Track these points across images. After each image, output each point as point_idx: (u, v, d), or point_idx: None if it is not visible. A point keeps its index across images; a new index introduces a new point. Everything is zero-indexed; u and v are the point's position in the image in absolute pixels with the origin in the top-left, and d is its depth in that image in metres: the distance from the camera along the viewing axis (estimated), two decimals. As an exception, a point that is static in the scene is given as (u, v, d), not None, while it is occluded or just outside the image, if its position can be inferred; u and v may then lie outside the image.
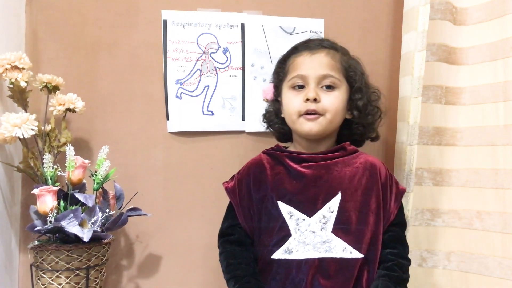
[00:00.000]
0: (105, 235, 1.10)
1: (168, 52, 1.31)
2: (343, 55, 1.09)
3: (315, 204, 1.02)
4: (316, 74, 1.05)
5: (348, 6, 1.40)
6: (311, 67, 1.05)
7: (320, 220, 1.01)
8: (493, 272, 1.15)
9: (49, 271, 1.06)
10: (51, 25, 1.29)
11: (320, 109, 1.04)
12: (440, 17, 1.23)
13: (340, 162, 1.06)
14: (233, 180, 1.12)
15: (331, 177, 1.04)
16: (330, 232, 1.01)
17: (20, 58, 1.11)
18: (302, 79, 1.06)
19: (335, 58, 1.07)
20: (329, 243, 1.00)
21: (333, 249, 1.00)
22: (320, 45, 1.08)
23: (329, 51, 1.07)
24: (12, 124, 1.06)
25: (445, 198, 1.23)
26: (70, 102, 1.18)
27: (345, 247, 1.00)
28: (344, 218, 1.01)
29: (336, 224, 1.01)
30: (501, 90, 1.16)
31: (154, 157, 1.32)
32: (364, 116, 1.09)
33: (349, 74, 1.08)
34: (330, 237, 1.00)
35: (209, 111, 1.33)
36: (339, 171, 1.05)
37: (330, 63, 1.06)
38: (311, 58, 1.06)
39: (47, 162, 1.10)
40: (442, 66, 1.24)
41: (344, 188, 1.03)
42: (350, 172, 1.05)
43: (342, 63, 1.07)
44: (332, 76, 1.05)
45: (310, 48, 1.08)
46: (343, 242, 1.00)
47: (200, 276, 1.33)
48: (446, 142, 1.24)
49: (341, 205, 1.02)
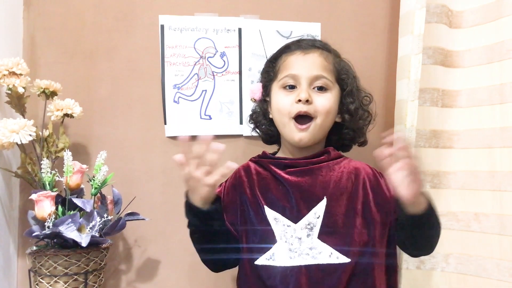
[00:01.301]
0: (103, 240, 1.10)
1: (166, 56, 1.32)
2: (335, 57, 1.08)
3: (300, 210, 1.00)
4: (309, 74, 1.03)
5: (345, 10, 1.40)
6: (304, 66, 1.03)
7: (306, 226, 0.99)
8: (491, 274, 1.15)
9: (47, 276, 1.06)
10: (48, 31, 1.30)
11: (312, 111, 1.02)
12: (436, 20, 1.23)
13: (324, 166, 1.04)
14: (220, 186, 1.10)
15: (316, 182, 1.02)
16: (316, 238, 0.98)
17: (18, 64, 1.11)
18: (293, 78, 1.03)
19: (328, 59, 1.05)
20: (315, 249, 0.97)
21: (319, 256, 0.97)
22: (313, 45, 1.07)
23: (322, 52, 1.06)
24: (10, 129, 1.07)
25: (442, 200, 1.23)
26: (68, 108, 1.18)
27: (332, 253, 0.97)
28: (330, 223, 0.99)
29: (322, 229, 0.98)
30: (497, 93, 1.17)
31: (152, 161, 1.32)
32: (355, 121, 1.08)
33: (341, 77, 1.06)
34: (316, 243, 0.98)
35: (206, 115, 1.33)
36: (324, 176, 1.03)
37: (323, 64, 1.04)
38: (304, 58, 1.04)
39: (45, 168, 1.11)
40: (439, 69, 1.24)
41: (329, 193, 1.01)
42: (335, 177, 1.03)
43: (335, 65, 1.06)
44: (325, 77, 1.03)
45: (302, 48, 1.06)
46: (329, 247, 0.97)
47: (198, 280, 1.33)
48: (443, 145, 1.24)
49: (326, 210, 0.99)
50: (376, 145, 1.40)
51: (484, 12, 1.21)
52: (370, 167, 1.08)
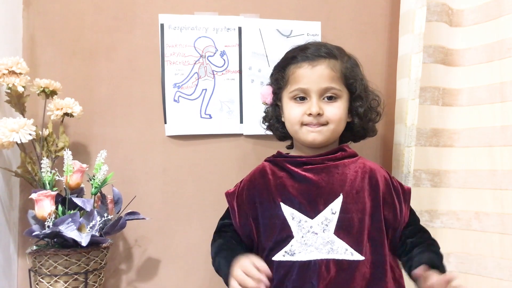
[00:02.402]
0: (103, 240, 1.10)
1: (166, 55, 1.32)
2: (342, 62, 1.08)
3: (317, 206, 1.03)
4: (318, 87, 1.05)
5: (345, 9, 1.40)
6: (312, 80, 1.05)
7: (322, 222, 1.02)
8: (492, 272, 1.15)
9: (47, 275, 1.06)
10: (48, 30, 1.29)
11: (323, 121, 1.05)
12: (437, 19, 1.23)
13: (340, 164, 1.07)
14: (235, 187, 1.13)
15: (333, 179, 1.05)
16: (332, 233, 1.01)
17: (18, 63, 1.11)
18: (303, 92, 1.06)
19: (335, 68, 1.07)
20: (332, 244, 1.00)
21: (335, 250, 1.00)
22: (319, 54, 1.07)
23: (329, 62, 1.07)
24: (10, 129, 1.06)
25: (443, 199, 1.23)
26: (68, 107, 1.18)
27: (347, 249, 1.00)
28: (346, 220, 1.02)
29: (338, 225, 1.01)
30: (497, 91, 1.17)
31: (152, 161, 1.32)
32: (365, 122, 1.11)
33: (349, 82, 1.08)
34: (332, 239, 1.01)
35: (207, 115, 1.33)
36: (340, 174, 1.06)
37: (330, 75, 1.06)
38: (312, 71, 1.06)
39: (45, 167, 1.11)
40: (439, 68, 1.24)
41: (345, 190, 1.04)
42: (350, 175, 1.06)
43: (342, 72, 1.07)
44: (334, 88, 1.05)
45: (309, 59, 1.07)
46: (344, 243, 1.00)
47: (199, 280, 1.33)
48: (443, 144, 1.24)
49: (343, 207, 1.02)
50: (378, 143, 1.41)
51: (484, 10, 1.21)
52: (384, 169, 1.11)
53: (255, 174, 1.12)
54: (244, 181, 1.12)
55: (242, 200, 1.09)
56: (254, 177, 1.11)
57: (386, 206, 1.05)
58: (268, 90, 1.16)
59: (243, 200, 1.09)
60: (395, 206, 1.05)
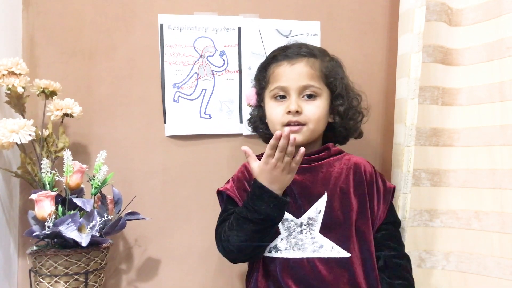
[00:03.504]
0: (103, 240, 1.10)
1: (165, 56, 1.32)
2: (322, 61, 1.10)
3: (302, 206, 1.05)
4: (297, 85, 1.06)
5: (344, 8, 1.40)
6: (292, 78, 1.07)
7: (308, 221, 1.04)
8: (491, 272, 1.15)
9: (47, 276, 1.06)
10: (48, 30, 1.29)
11: (303, 119, 1.06)
12: (436, 19, 1.23)
13: (325, 163, 1.09)
14: (229, 182, 1.12)
15: (317, 178, 1.07)
16: (318, 232, 1.03)
17: (17, 64, 1.11)
18: (283, 90, 1.07)
19: (314, 66, 1.08)
20: (317, 243, 1.03)
21: (321, 249, 1.02)
22: (299, 53, 1.09)
23: (308, 60, 1.08)
24: (10, 129, 1.06)
25: (443, 198, 1.23)
26: (68, 107, 1.18)
27: (333, 247, 1.03)
28: (331, 218, 1.04)
29: (324, 224, 1.03)
30: (497, 91, 1.17)
31: (152, 161, 1.32)
32: (346, 121, 1.11)
33: (329, 81, 1.09)
34: (318, 238, 1.03)
35: (206, 115, 1.33)
36: (324, 173, 1.07)
37: (310, 73, 1.07)
38: (291, 69, 1.07)
39: (45, 167, 1.11)
40: (439, 67, 1.24)
41: (330, 188, 1.06)
42: (335, 173, 1.08)
43: (322, 70, 1.08)
44: (313, 86, 1.06)
45: (289, 58, 1.08)
46: (330, 242, 1.03)
47: (199, 279, 1.33)
48: (443, 143, 1.24)
49: (327, 205, 1.04)
50: (377, 142, 1.41)
51: (483, 10, 1.21)
52: (370, 164, 1.12)
53: (246, 168, 1.11)
54: (236, 176, 1.12)
55: (241, 194, 1.08)
56: (245, 171, 1.11)
57: (371, 201, 1.07)
58: (252, 92, 1.18)
59: (241, 194, 1.08)
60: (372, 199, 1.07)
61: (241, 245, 0.98)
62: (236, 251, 0.99)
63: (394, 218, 1.12)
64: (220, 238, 1.03)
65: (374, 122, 1.38)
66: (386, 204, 1.09)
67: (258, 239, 0.98)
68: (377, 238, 1.07)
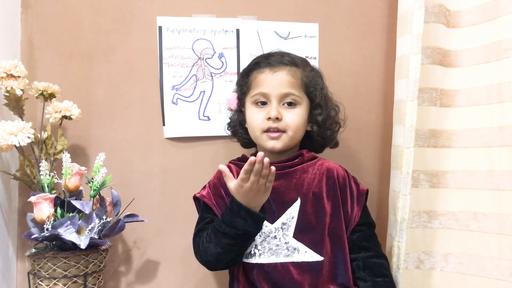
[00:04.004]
0: (102, 242, 1.10)
1: (164, 58, 1.32)
2: (303, 70, 1.12)
3: (276, 211, 1.07)
4: (278, 92, 1.08)
5: (343, 10, 1.40)
6: (273, 85, 1.09)
7: (282, 226, 1.06)
8: (490, 273, 1.15)
9: (46, 278, 1.06)
10: (46, 33, 1.30)
11: (282, 126, 1.08)
12: (434, 20, 1.23)
13: (299, 169, 1.11)
14: (205, 188, 1.14)
15: (291, 184, 1.09)
16: (292, 237, 1.05)
17: (16, 66, 1.11)
18: (264, 96, 1.09)
19: (296, 75, 1.10)
20: (291, 248, 1.05)
21: (294, 254, 1.04)
22: (281, 61, 1.11)
23: (290, 69, 1.10)
24: (8, 132, 1.07)
25: (441, 200, 1.23)
26: (66, 110, 1.18)
27: (306, 251, 1.05)
28: (304, 222, 1.06)
29: (297, 229, 1.06)
30: (495, 92, 1.17)
31: (150, 163, 1.32)
32: (323, 130, 1.14)
33: (309, 90, 1.11)
34: (291, 242, 1.05)
35: (205, 116, 1.33)
36: (298, 178, 1.10)
37: (290, 81, 1.09)
38: (272, 76, 1.09)
39: (44, 170, 1.11)
40: (437, 69, 1.24)
41: (303, 193, 1.08)
42: (308, 178, 1.10)
43: (303, 79, 1.11)
44: (293, 94, 1.09)
45: (271, 65, 1.10)
46: (304, 246, 1.05)
47: (197, 282, 1.33)
48: (442, 144, 1.24)
49: (301, 210, 1.06)
50: (376, 144, 1.41)
51: (481, 11, 1.21)
52: (342, 168, 1.15)
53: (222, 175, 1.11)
54: (212, 182, 1.14)
55: (216, 199, 1.10)
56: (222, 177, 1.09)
57: (344, 204, 1.09)
58: (234, 96, 1.20)
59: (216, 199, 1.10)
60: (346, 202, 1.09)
61: (219, 256, 1.01)
62: (214, 261, 1.02)
63: (368, 220, 1.13)
64: (198, 248, 1.05)
65: (372, 123, 1.39)
66: (360, 206, 1.11)
67: (235, 251, 1.01)
68: (353, 239, 1.09)
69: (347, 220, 1.09)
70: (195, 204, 1.15)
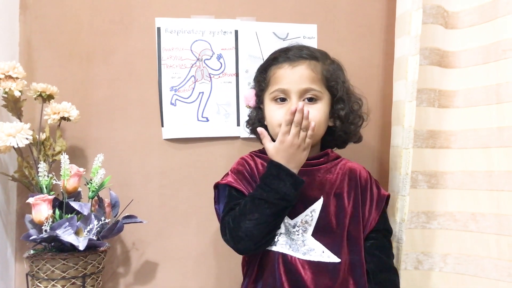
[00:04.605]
0: (101, 243, 1.10)
1: (162, 59, 1.32)
2: (323, 64, 1.08)
3: (297, 207, 1.03)
4: (298, 88, 1.04)
5: (341, 11, 1.40)
6: (293, 81, 1.05)
7: (301, 223, 1.03)
8: (489, 273, 1.15)
9: (45, 280, 1.05)
10: (45, 34, 1.29)
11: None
12: (432, 21, 1.23)
13: (322, 168, 1.08)
14: (228, 175, 1.09)
15: (314, 182, 1.06)
16: (310, 235, 1.03)
17: (14, 67, 1.11)
18: (283, 93, 1.06)
19: (316, 69, 1.06)
20: (308, 246, 1.02)
21: (311, 252, 1.02)
22: (300, 56, 1.07)
23: (310, 63, 1.06)
24: (7, 133, 1.06)
25: (440, 200, 1.23)
26: (65, 111, 1.18)
27: (324, 251, 1.02)
28: (324, 222, 1.03)
29: (317, 227, 1.03)
30: (493, 93, 1.17)
31: (149, 164, 1.32)
32: (346, 125, 1.10)
33: (330, 84, 1.07)
34: (309, 241, 1.03)
35: (204, 118, 1.33)
36: (321, 177, 1.07)
37: (311, 76, 1.05)
38: (292, 71, 1.05)
39: (42, 171, 1.10)
40: (435, 70, 1.24)
41: (325, 193, 1.05)
42: (331, 178, 1.07)
43: (323, 74, 1.07)
44: (314, 89, 1.05)
45: (290, 60, 1.07)
46: (321, 246, 1.02)
47: (196, 283, 1.33)
48: (440, 145, 1.24)
49: (322, 210, 1.04)
50: (374, 145, 1.41)
51: (479, 12, 1.21)
52: (366, 170, 1.12)
53: (246, 160, 1.10)
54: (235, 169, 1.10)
55: (243, 182, 1.07)
56: (245, 163, 1.10)
57: (363, 207, 1.07)
58: (251, 93, 1.16)
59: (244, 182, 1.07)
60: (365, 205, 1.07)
61: (253, 230, 0.96)
62: (246, 238, 0.97)
63: (385, 226, 1.10)
64: (228, 226, 1.00)
65: (371, 124, 1.38)
66: (378, 210, 1.08)
67: (270, 224, 0.97)
68: (366, 247, 1.06)
69: (364, 223, 1.06)
70: (214, 193, 1.10)
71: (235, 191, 1.06)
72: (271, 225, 0.98)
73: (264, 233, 0.98)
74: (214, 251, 1.33)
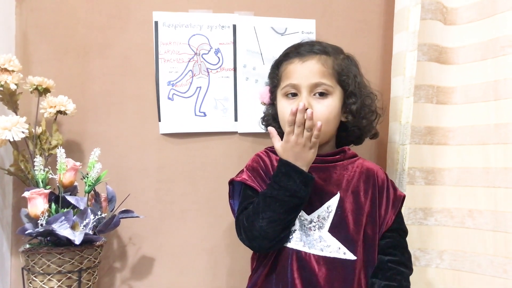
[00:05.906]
0: (97, 238, 1.09)
1: (160, 53, 1.31)
2: (335, 59, 1.07)
3: (313, 203, 1.03)
4: (308, 82, 1.04)
5: (340, 6, 1.40)
6: (303, 75, 1.05)
7: (318, 219, 1.03)
8: (485, 270, 1.15)
9: (40, 274, 1.05)
10: (41, 27, 1.28)
11: None
12: (431, 17, 1.23)
13: (339, 165, 1.07)
14: (243, 172, 1.09)
15: (330, 178, 1.05)
16: (327, 231, 1.02)
17: (10, 60, 1.11)
18: (294, 87, 1.05)
19: (326, 64, 1.05)
20: (324, 242, 1.01)
21: (327, 248, 1.01)
22: (311, 51, 1.07)
23: (320, 57, 1.06)
24: (2, 127, 1.06)
25: (437, 197, 1.23)
26: (61, 105, 1.17)
27: (340, 247, 1.01)
28: (341, 219, 1.03)
29: (333, 224, 1.02)
30: (491, 89, 1.17)
31: (146, 158, 1.32)
32: (359, 120, 1.09)
33: (342, 79, 1.07)
34: (325, 237, 1.02)
35: (201, 112, 1.33)
36: (337, 174, 1.06)
37: (321, 70, 1.04)
38: (302, 66, 1.05)
39: (38, 165, 1.10)
40: (433, 66, 1.24)
41: (342, 189, 1.05)
42: (348, 176, 1.06)
43: (335, 68, 1.06)
44: (324, 84, 1.04)
45: (301, 55, 1.07)
46: (338, 242, 1.01)
47: (193, 278, 1.33)
48: (438, 141, 1.24)
49: (339, 206, 1.03)
50: (372, 141, 1.41)
51: (478, 8, 1.21)
52: (383, 170, 1.11)
53: (260, 157, 1.10)
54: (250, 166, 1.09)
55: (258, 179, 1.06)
56: (260, 160, 1.09)
57: (380, 207, 1.06)
58: (266, 90, 1.16)
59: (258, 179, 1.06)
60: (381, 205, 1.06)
61: (266, 228, 0.96)
62: (261, 237, 0.97)
63: (401, 226, 1.09)
64: (243, 224, 1.00)
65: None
66: (395, 210, 1.06)
67: (283, 222, 0.97)
68: (381, 245, 1.05)
69: (380, 223, 1.05)
70: (229, 190, 1.10)
71: (250, 189, 1.06)
72: (285, 223, 0.98)
73: (278, 231, 0.97)
74: (211, 246, 1.33)
